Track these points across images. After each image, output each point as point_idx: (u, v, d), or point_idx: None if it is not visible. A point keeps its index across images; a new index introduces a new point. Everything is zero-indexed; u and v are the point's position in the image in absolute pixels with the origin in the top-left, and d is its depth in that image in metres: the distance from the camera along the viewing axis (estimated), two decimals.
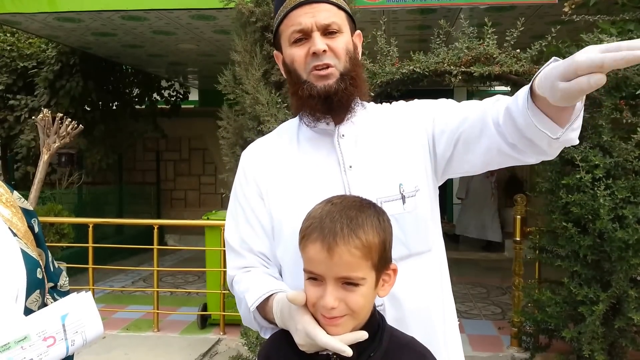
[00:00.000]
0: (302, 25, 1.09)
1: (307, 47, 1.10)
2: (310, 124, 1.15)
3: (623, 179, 2.83)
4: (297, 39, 1.11)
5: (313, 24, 1.09)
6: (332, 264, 0.86)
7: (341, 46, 1.11)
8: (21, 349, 0.83)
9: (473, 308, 4.94)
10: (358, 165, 1.12)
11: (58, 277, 1.12)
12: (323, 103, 1.10)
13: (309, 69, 1.10)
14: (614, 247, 2.78)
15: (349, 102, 1.13)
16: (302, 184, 1.12)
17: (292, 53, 1.12)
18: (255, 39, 3.23)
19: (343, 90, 1.10)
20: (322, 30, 1.09)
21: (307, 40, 1.10)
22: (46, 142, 4.59)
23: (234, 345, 3.91)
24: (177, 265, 6.80)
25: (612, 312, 2.97)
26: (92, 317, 0.94)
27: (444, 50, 3.15)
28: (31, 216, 1.05)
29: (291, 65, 1.13)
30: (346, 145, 1.14)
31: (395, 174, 1.11)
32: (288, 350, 0.96)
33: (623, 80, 2.86)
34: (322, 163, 1.14)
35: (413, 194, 1.11)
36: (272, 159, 1.18)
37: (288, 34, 1.12)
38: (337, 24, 1.11)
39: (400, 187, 1.10)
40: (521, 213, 3.83)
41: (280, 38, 1.16)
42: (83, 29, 5.68)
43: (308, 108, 1.13)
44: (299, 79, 1.12)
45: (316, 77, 1.10)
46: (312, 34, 1.09)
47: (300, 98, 1.12)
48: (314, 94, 1.10)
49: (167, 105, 8.61)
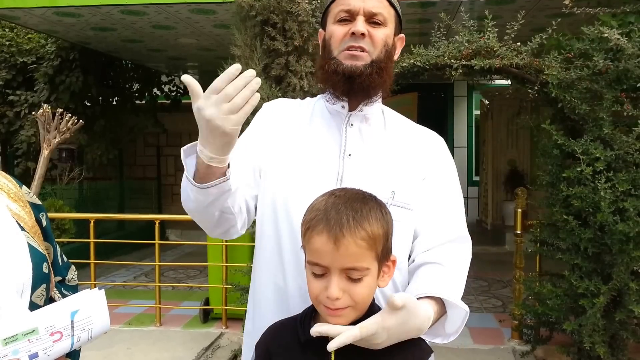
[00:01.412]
0: (350, 6, 1.12)
1: (348, 27, 1.12)
2: (330, 100, 1.18)
3: (624, 172, 2.83)
4: (342, 18, 1.13)
5: (361, 8, 1.11)
6: (338, 255, 0.88)
7: (381, 36, 1.13)
8: (28, 342, 0.83)
9: (474, 301, 4.95)
10: (357, 156, 1.14)
11: (67, 270, 1.12)
12: (345, 82, 1.11)
13: (342, 47, 1.12)
14: (615, 240, 2.78)
15: (370, 89, 1.14)
16: (301, 159, 1.15)
17: (333, 29, 1.15)
18: (255, 33, 3.22)
19: (368, 74, 1.11)
20: (367, 16, 1.12)
21: (350, 22, 1.12)
22: (46, 137, 4.59)
23: (236, 339, 3.93)
24: (179, 260, 6.82)
25: (613, 305, 2.97)
26: (101, 315, 0.93)
27: (444, 44, 3.14)
28: (39, 210, 1.06)
29: (328, 41, 1.16)
30: (352, 133, 1.16)
31: (390, 181, 1.12)
32: (288, 339, 0.98)
33: (624, 73, 2.85)
34: (324, 145, 1.16)
35: (402, 205, 1.11)
36: (289, 123, 1.21)
37: (335, 12, 1.15)
38: (383, 16, 1.13)
39: (391, 194, 1.10)
40: (522, 206, 3.83)
41: (328, 16, 1.18)
42: (82, 24, 5.66)
43: (330, 83, 1.15)
44: (330, 55, 1.14)
45: (346, 55, 1.12)
46: (357, 17, 1.11)
47: (326, 72, 1.14)
48: (339, 71, 1.11)
49: (168, 100, 8.60)
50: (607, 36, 2.75)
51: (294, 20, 3.13)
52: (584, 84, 2.91)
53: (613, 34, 2.75)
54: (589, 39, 2.92)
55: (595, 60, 2.82)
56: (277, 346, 0.98)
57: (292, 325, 0.99)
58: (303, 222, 0.94)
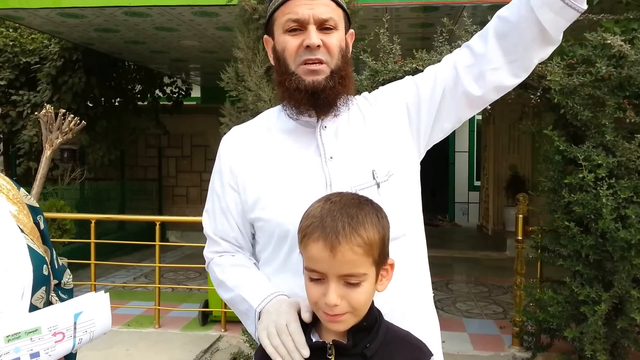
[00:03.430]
0: (299, 15, 1.08)
1: (301, 38, 1.09)
2: (293, 115, 1.15)
3: (626, 179, 2.82)
4: (291, 28, 1.09)
5: (310, 17, 1.07)
6: (335, 262, 0.87)
7: (335, 43, 1.10)
8: (30, 341, 0.83)
9: (474, 307, 4.93)
10: (338, 156, 1.13)
11: (62, 274, 1.12)
12: (309, 98, 1.10)
13: (299, 61, 1.09)
14: (617, 247, 2.77)
15: (335, 100, 1.12)
16: (282, 174, 1.12)
17: (285, 41, 1.11)
18: (258, 36, 3.22)
19: (331, 87, 1.09)
20: (318, 24, 1.08)
21: (301, 32, 1.09)
22: (48, 137, 4.59)
23: (235, 342, 3.92)
24: (179, 262, 6.81)
25: (615, 312, 2.96)
26: (104, 318, 0.94)
27: (446, 49, 3.14)
28: (37, 213, 1.05)
29: (281, 54, 1.12)
30: (327, 137, 1.14)
31: (368, 161, 1.12)
32: None
33: (627, 80, 2.85)
34: (302, 154, 1.14)
35: (386, 178, 1.11)
36: (249, 148, 1.18)
37: (283, 21, 1.10)
38: (334, 20, 1.10)
39: (373, 174, 1.10)
40: (523, 212, 3.82)
41: (274, 24, 1.14)
42: (86, 25, 5.67)
43: (293, 100, 1.12)
44: (287, 70, 1.11)
45: (305, 71, 1.09)
46: (308, 26, 1.08)
47: (287, 90, 1.11)
48: (301, 88, 1.09)
49: (169, 102, 8.61)
50: (610, 43, 2.75)
51: None
52: (586, 90, 2.91)
53: (616, 40, 2.74)
54: (592, 46, 2.92)
55: (598, 67, 2.82)
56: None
57: None
58: (300, 228, 0.94)
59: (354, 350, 0.92)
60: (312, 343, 0.94)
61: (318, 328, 0.97)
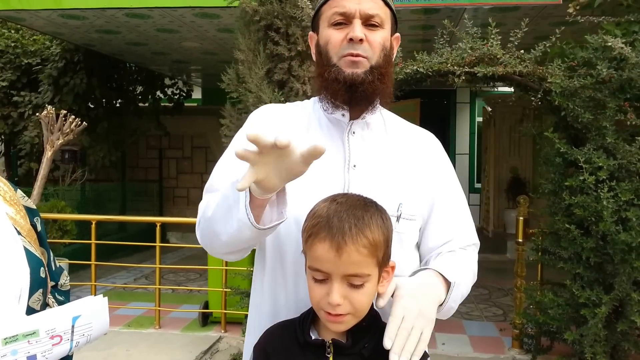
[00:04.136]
0: (345, 9, 1.07)
1: (345, 32, 1.07)
2: (328, 109, 1.13)
3: (627, 181, 2.82)
4: (337, 21, 1.08)
5: (357, 11, 1.06)
6: (341, 263, 0.88)
7: (379, 40, 1.08)
8: (27, 344, 0.83)
9: (474, 309, 4.93)
10: (362, 166, 1.10)
11: (59, 276, 1.11)
12: (347, 90, 1.07)
13: (341, 54, 1.08)
14: (617, 250, 2.76)
15: (373, 97, 1.10)
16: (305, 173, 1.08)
17: (329, 34, 1.10)
18: (259, 38, 3.23)
19: (370, 82, 1.07)
20: (364, 19, 1.07)
21: (346, 26, 1.08)
22: (50, 138, 4.60)
23: (235, 343, 3.92)
24: (179, 263, 6.82)
25: (615, 315, 2.95)
26: (101, 322, 0.94)
27: (447, 51, 3.14)
28: (34, 214, 1.05)
29: (324, 47, 1.11)
30: (355, 143, 1.12)
31: (397, 193, 1.09)
32: (286, 341, 0.98)
33: (627, 82, 2.85)
34: (329, 155, 1.09)
35: (410, 218, 1.09)
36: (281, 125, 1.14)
37: (329, 15, 1.10)
38: (380, 18, 1.08)
39: (399, 206, 1.07)
40: (524, 214, 3.81)
41: (320, 18, 1.13)
42: (87, 26, 5.68)
43: (330, 92, 1.10)
44: (329, 62, 1.09)
45: (347, 62, 1.07)
46: (353, 20, 1.07)
47: (326, 80, 1.10)
48: (339, 79, 1.07)
49: (170, 103, 8.62)
50: (610, 45, 2.75)
51: (297, 26, 3.14)
52: (587, 92, 2.91)
53: (617, 42, 2.74)
54: (593, 48, 2.92)
55: (598, 69, 2.82)
56: (275, 347, 0.99)
57: (291, 327, 1.00)
58: (305, 228, 0.94)
59: (352, 350, 0.93)
60: (312, 340, 0.95)
61: (317, 326, 0.98)
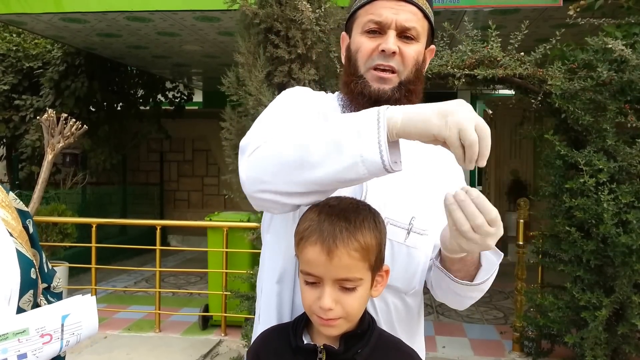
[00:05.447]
0: (381, 18, 1.02)
1: (377, 42, 1.03)
2: None
3: (627, 184, 2.82)
4: (371, 29, 1.03)
5: (393, 21, 1.01)
6: (332, 267, 0.87)
7: (412, 54, 1.04)
8: (18, 342, 0.83)
9: (475, 312, 4.92)
10: (379, 178, 1.05)
11: (52, 278, 1.12)
12: (371, 105, 1.00)
13: (370, 65, 1.03)
14: (618, 252, 2.76)
15: None
16: None
17: (361, 42, 1.05)
18: (259, 41, 3.23)
19: (396, 100, 1.02)
20: (399, 31, 1.02)
21: (380, 35, 1.03)
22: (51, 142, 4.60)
23: (235, 347, 3.91)
24: (180, 266, 6.81)
25: (615, 318, 2.95)
26: (90, 321, 0.94)
27: (447, 53, 3.15)
28: (26, 217, 1.05)
29: (354, 54, 1.07)
30: None
31: (411, 206, 1.04)
32: (278, 345, 0.98)
33: (628, 84, 2.85)
34: None
35: (421, 232, 1.03)
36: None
37: (364, 21, 1.05)
38: (416, 31, 1.03)
39: (411, 220, 1.02)
40: (524, 217, 3.81)
41: (354, 22, 1.09)
42: (88, 30, 5.70)
43: (354, 104, 1.05)
44: (356, 72, 1.06)
45: (374, 77, 1.03)
46: (388, 31, 1.02)
47: (352, 92, 1.06)
48: (365, 93, 1.03)
49: (171, 107, 8.64)
50: (611, 47, 2.75)
51: (297, 28, 3.14)
52: (587, 94, 2.91)
53: (617, 45, 2.75)
54: (593, 50, 2.92)
55: (599, 71, 2.83)
56: (268, 352, 0.99)
57: (283, 331, 0.99)
58: (297, 231, 0.93)
59: (344, 356, 0.92)
60: (304, 345, 0.94)
61: (310, 330, 0.97)
